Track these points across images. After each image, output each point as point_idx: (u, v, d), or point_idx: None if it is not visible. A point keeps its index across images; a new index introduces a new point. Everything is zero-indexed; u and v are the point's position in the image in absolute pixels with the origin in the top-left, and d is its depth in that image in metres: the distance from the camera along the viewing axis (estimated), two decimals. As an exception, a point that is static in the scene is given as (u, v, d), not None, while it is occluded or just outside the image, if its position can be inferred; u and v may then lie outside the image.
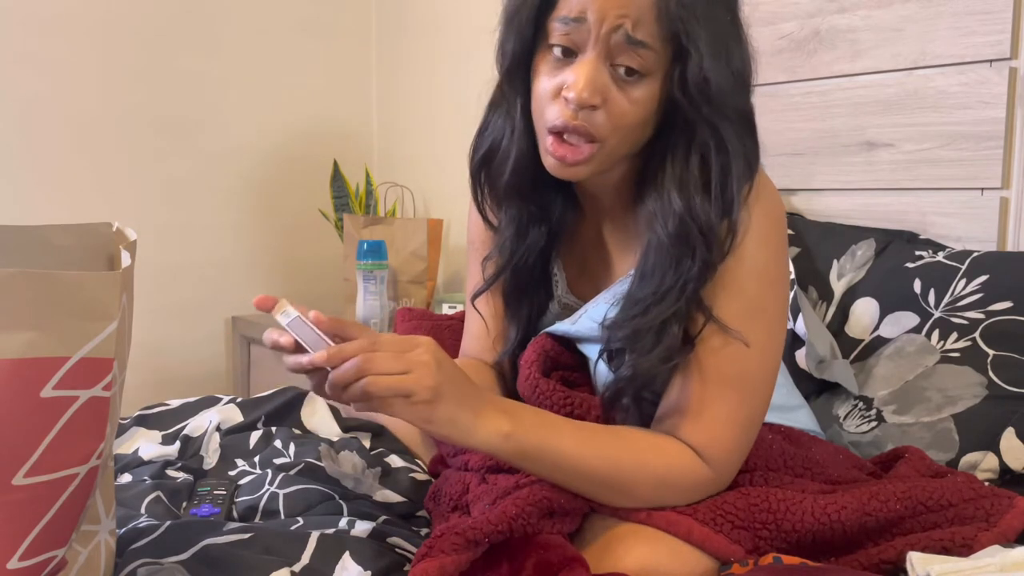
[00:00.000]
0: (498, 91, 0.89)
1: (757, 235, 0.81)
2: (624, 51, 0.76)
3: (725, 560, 0.77)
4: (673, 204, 0.78)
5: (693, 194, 0.78)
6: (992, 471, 1.03)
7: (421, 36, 2.38)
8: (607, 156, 0.81)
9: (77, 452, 0.59)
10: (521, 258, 0.95)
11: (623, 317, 0.82)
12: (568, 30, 0.77)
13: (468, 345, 1.07)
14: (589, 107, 0.77)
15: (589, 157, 0.80)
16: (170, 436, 1.09)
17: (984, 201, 1.32)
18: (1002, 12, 1.28)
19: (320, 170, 2.34)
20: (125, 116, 2.07)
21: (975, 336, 1.12)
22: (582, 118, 0.78)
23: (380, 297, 1.89)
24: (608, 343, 0.84)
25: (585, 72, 0.76)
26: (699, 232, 0.77)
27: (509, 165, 0.88)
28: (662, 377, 0.82)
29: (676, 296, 0.78)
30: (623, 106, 0.78)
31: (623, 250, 0.93)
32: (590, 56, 0.77)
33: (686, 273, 0.78)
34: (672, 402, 0.83)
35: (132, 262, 0.65)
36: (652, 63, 0.77)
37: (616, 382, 0.83)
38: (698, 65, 0.75)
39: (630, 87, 0.78)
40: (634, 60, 0.76)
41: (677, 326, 0.79)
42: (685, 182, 0.78)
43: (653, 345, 0.79)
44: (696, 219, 0.77)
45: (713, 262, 0.78)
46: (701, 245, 0.77)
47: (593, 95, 0.77)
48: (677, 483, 0.79)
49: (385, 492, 0.94)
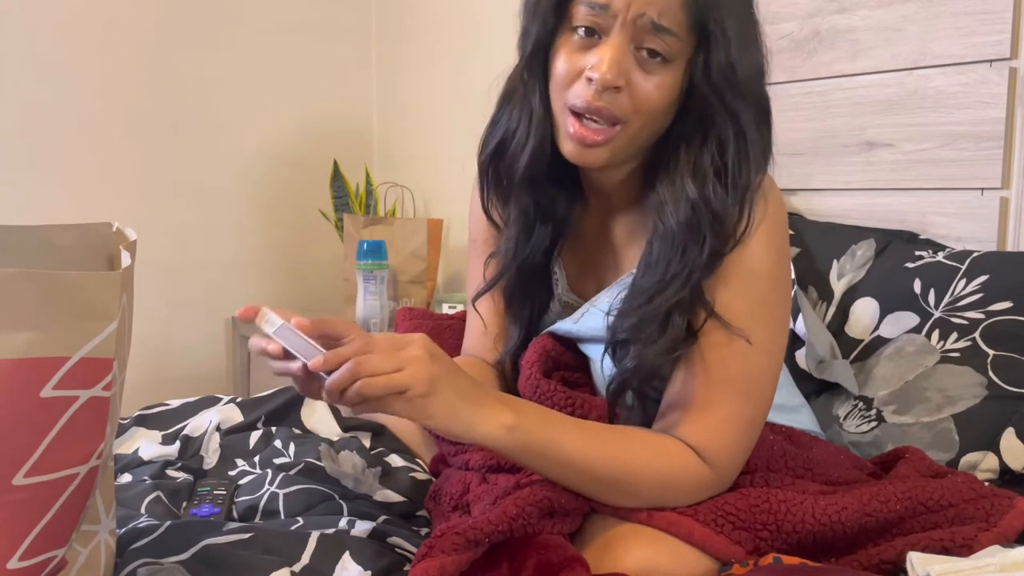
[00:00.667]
0: (516, 79, 0.88)
1: (764, 235, 0.81)
2: (649, 36, 0.77)
3: (726, 561, 0.77)
4: (687, 190, 0.79)
5: (707, 181, 0.79)
6: (992, 471, 1.03)
7: (421, 36, 2.38)
8: (628, 141, 0.82)
9: (77, 452, 0.59)
10: (527, 257, 0.95)
11: (628, 306, 0.82)
12: (595, 14, 0.78)
13: (469, 345, 1.07)
14: (613, 88, 0.78)
15: (609, 139, 0.80)
16: (170, 436, 1.09)
17: (984, 201, 1.32)
18: (1002, 12, 1.28)
19: (320, 170, 2.34)
20: (125, 116, 2.07)
21: (975, 336, 1.12)
22: (605, 100, 0.78)
23: (380, 297, 1.89)
24: (613, 334, 0.84)
25: (611, 54, 0.77)
26: (711, 219, 0.78)
27: (526, 154, 0.87)
28: (666, 369, 0.83)
29: (681, 284, 0.79)
30: (647, 89, 0.79)
31: (627, 247, 0.93)
32: (615, 39, 0.78)
33: (692, 261, 0.79)
34: (675, 400, 0.83)
35: (132, 262, 0.65)
36: (676, 50, 0.78)
37: (621, 373, 0.83)
38: (725, 52, 0.76)
39: (654, 72, 0.78)
40: (659, 45, 0.77)
41: (681, 317, 0.79)
42: (700, 169, 0.79)
43: (658, 335, 0.79)
44: (709, 205, 0.78)
45: (721, 252, 0.79)
46: (711, 232, 0.78)
47: (618, 76, 0.77)
48: (679, 483, 0.79)
49: (385, 492, 0.94)
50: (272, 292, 2.37)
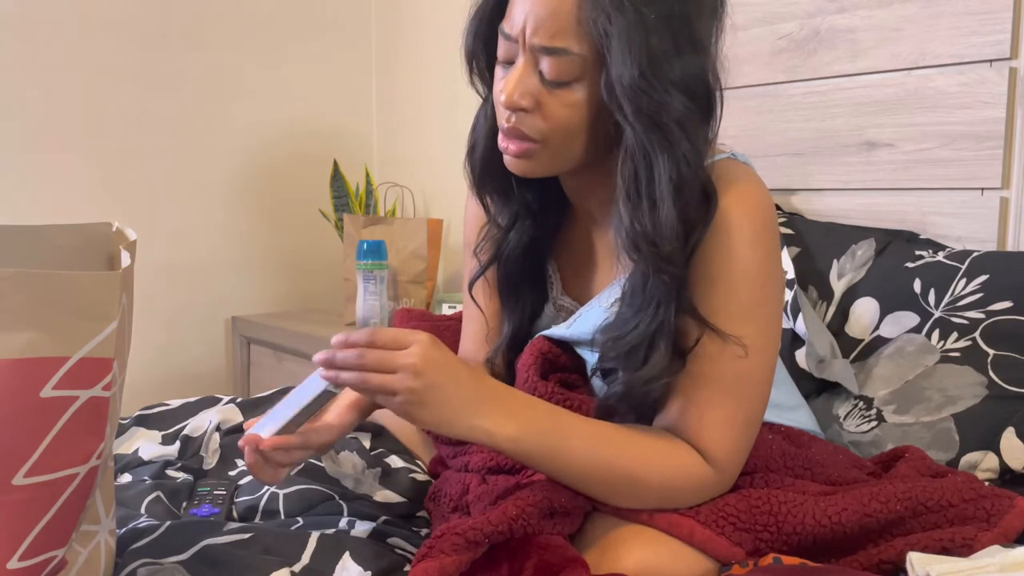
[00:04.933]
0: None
1: (746, 236, 0.80)
2: (547, 59, 0.78)
3: (726, 562, 0.77)
4: (622, 216, 0.78)
5: (633, 203, 0.77)
6: (992, 471, 1.03)
7: (421, 36, 2.38)
8: (553, 156, 0.83)
9: (77, 452, 0.59)
10: (507, 249, 0.96)
11: (610, 336, 0.81)
12: (505, 45, 0.82)
13: (465, 348, 1.06)
14: (520, 110, 0.81)
15: (531, 152, 0.82)
16: (170, 436, 1.09)
17: (984, 201, 1.32)
18: (1002, 12, 1.28)
19: (320, 170, 2.34)
20: (125, 116, 2.07)
21: (975, 336, 1.12)
22: (516, 121, 0.81)
23: (380, 297, 1.89)
24: (600, 360, 0.85)
25: (513, 77, 0.80)
26: (644, 243, 0.76)
27: (478, 160, 0.93)
28: (655, 394, 0.82)
29: (653, 313, 0.78)
30: (556, 109, 0.80)
31: (610, 254, 0.93)
32: (519, 63, 0.81)
33: (654, 288, 0.77)
34: (670, 407, 0.83)
35: (132, 262, 0.65)
36: (578, 68, 0.78)
37: (607, 398, 0.83)
38: (615, 65, 0.75)
39: (562, 91, 0.79)
40: (557, 67, 0.78)
41: (664, 343, 0.78)
42: (626, 191, 0.78)
43: (642, 364, 0.79)
44: (638, 229, 0.76)
45: (675, 272, 0.76)
46: (652, 256, 0.76)
47: (522, 97, 0.80)
48: (684, 486, 0.79)
49: (385, 492, 0.94)
50: (272, 292, 2.37)
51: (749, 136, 1.59)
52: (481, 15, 0.88)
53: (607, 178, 0.85)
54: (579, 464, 0.77)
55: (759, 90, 1.58)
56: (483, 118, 0.93)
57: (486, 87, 0.92)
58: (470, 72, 0.92)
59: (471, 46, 0.90)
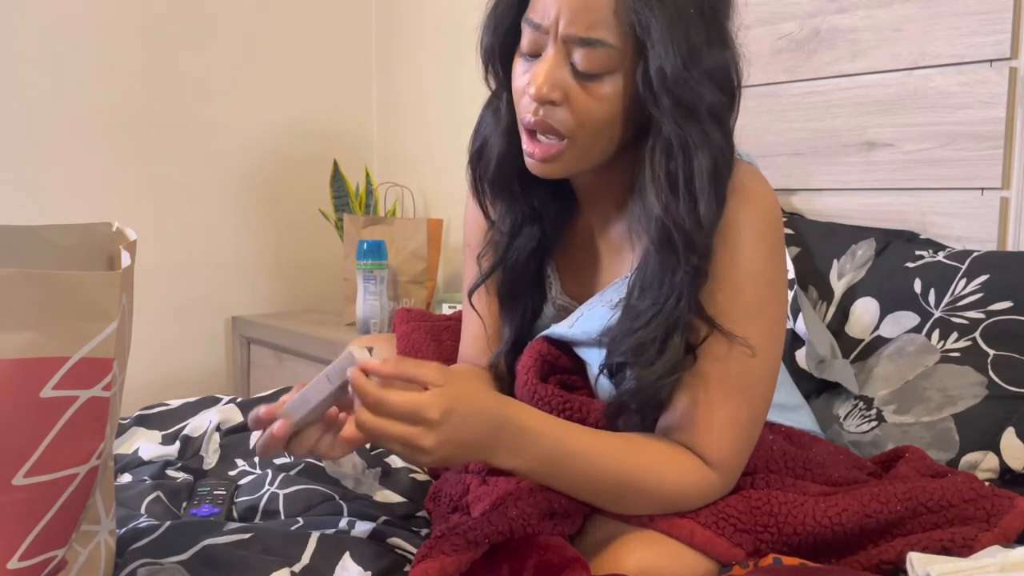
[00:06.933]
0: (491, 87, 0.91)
1: (751, 236, 0.80)
2: (582, 50, 0.77)
3: (726, 563, 0.77)
4: (653, 207, 0.78)
5: (668, 195, 0.77)
6: (992, 471, 1.03)
7: (421, 36, 2.38)
8: (580, 154, 0.82)
9: (77, 452, 0.59)
10: (513, 255, 0.95)
11: (624, 330, 0.81)
12: (533, 35, 0.80)
13: (465, 351, 1.06)
14: (549, 103, 0.79)
15: (558, 154, 0.81)
16: (170, 436, 1.10)
17: (984, 201, 1.32)
18: (1002, 12, 1.28)
19: (320, 170, 2.34)
20: (125, 116, 2.07)
21: (975, 336, 1.12)
22: (544, 114, 0.79)
23: (380, 297, 1.89)
24: (609, 356, 0.84)
25: (544, 69, 0.78)
26: (681, 236, 0.76)
27: (493, 161, 0.90)
28: (665, 392, 0.81)
29: (673, 305, 0.77)
30: (586, 102, 0.79)
31: (619, 251, 0.93)
32: (550, 55, 0.79)
33: (679, 280, 0.77)
34: (675, 409, 0.82)
35: (132, 262, 0.65)
36: (613, 60, 0.77)
37: (620, 395, 0.82)
38: (656, 56, 0.74)
39: (593, 84, 0.78)
40: (592, 58, 0.77)
41: (679, 337, 0.78)
42: (660, 183, 0.77)
43: (656, 358, 0.78)
44: (676, 222, 0.76)
45: (702, 267, 0.77)
46: (685, 248, 0.76)
47: (552, 90, 0.78)
48: (688, 492, 0.78)
49: (385, 492, 0.94)
50: (272, 292, 2.37)
51: (749, 136, 1.59)
52: (502, 7, 0.85)
53: (622, 174, 0.85)
54: (585, 482, 0.77)
55: (759, 90, 1.58)
56: (492, 115, 0.91)
57: (500, 83, 0.89)
58: (485, 66, 0.89)
59: (489, 39, 0.87)
